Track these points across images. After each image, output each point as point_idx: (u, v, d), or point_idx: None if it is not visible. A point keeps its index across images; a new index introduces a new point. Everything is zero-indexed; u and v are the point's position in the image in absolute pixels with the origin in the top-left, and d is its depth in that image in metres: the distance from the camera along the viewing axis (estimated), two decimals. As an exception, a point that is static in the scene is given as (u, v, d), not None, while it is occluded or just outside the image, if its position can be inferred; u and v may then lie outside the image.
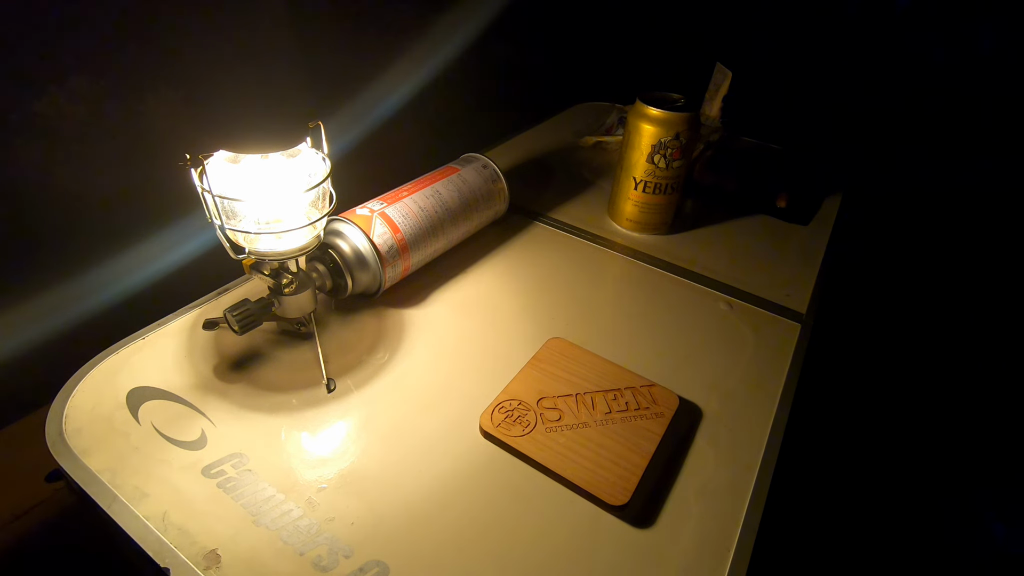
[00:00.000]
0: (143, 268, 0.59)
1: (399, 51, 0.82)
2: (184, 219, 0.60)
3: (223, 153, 0.38)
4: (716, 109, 0.82)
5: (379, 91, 0.80)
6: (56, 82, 0.49)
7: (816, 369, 0.53)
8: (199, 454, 0.38)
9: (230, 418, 0.40)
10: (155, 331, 0.47)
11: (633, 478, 0.37)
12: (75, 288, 0.55)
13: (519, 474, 0.38)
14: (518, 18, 0.98)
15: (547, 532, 0.35)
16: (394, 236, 0.50)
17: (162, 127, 0.57)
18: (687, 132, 0.59)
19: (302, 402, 0.42)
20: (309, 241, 0.42)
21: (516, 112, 1.05)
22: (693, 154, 0.65)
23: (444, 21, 0.86)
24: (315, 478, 0.37)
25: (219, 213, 0.38)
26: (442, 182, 0.56)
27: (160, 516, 0.34)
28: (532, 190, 0.72)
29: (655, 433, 0.41)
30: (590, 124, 0.90)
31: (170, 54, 0.55)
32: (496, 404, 0.42)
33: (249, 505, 0.35)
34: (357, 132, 0.79)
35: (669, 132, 0.58)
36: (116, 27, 0.51)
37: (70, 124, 0.51)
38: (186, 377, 0.43)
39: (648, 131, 0.59)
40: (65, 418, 0.39)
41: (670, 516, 0.37)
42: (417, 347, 0.48)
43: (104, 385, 0.42)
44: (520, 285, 0.56)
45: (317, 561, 0.32)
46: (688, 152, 0.61)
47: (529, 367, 0.45)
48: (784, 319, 0.54)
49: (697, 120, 0.60)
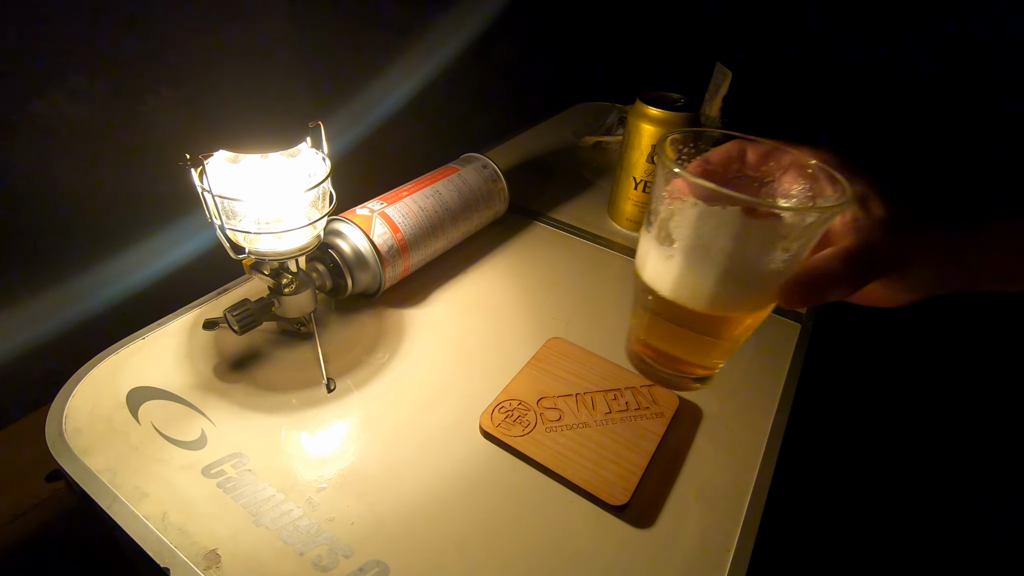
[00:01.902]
0: (143, 268, 0.59)
1: (399, 51, 0.82)
2: (184, 219, 0.60)
3: (223, 153, 0.38)
4: (716, 109, 0.82)
5: (379, 91, 0.80)
6: (56, 82, 0.49)
7: (816, 369, 0.53)
8: (199, 454, 0.38)
9: (230, 418, 0.40)
10: (155, 331, 0.47)
11: (633, 478, 0.37)
12: (75, 288, 0.55)
13: (519, 474, 0.38)
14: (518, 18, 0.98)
15: (547, 532, 0.35)
16: (394, 236, 0.49)
17: (162, 127, 0.57)
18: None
19: (302, 402, 0.42)
20: (309, 241, 0.42)
21: (517, 112, 1.05)
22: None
23: (444, 21, 0.86)
24: (315, 478, 0.37)
25: (219, 213, 0.38)
26: (442, 182, 0.56)
27: (160, 516, 0.34)
28: (532, 190, 0.72)
29: (655, 433, 0.41)
30: (590, 124, 0.90)
31: (170, 54, 0.55)
32: (496, 404, 0.42)
33: (249, 505, 0.35)
34: (357, 132, 0.79)
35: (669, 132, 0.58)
36: (116, 27, 0.51)
37: (70, 124, 0.51)
38: (186, 377, 0.43)
39: (648, 131, 0.59)
40: (65, 418, 0.39)
41: (670, 516, 0.37)
42: (417, 347, 0.48)
43: (104, 385, 0.42)
44: (520, 285, 0.56)
45: (317, 561, 0.32)
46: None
47: (529, 367, 0.45)
48: (784, 319, 0.54)
49: (697, 120, 0.60)
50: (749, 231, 0.28)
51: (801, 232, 0.28)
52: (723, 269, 0.29)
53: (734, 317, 0.33)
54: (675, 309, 0.32)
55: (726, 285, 0.30)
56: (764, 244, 0.28)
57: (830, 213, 0.28)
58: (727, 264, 0.29)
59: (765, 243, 0.28)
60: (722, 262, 0.29)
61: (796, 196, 0.31)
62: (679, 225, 0.30)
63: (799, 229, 0.28)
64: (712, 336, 0.35)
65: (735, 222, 0.28)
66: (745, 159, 0.33)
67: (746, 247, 0.29)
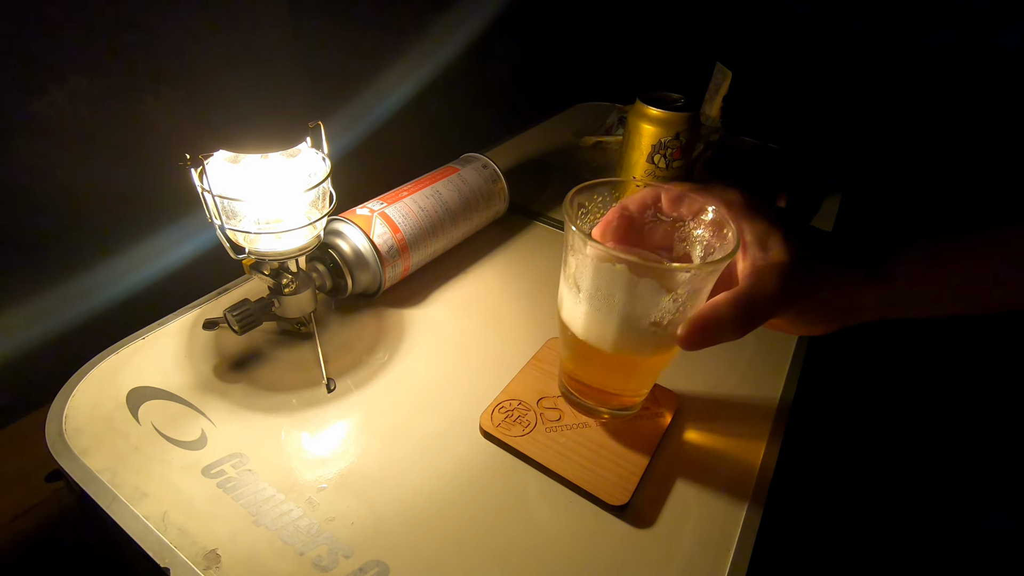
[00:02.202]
0: (143, 268, 0.59)
1: (399, 51, 0.82)
2: (184, 219, 0.60)
3: (223, 153, 0.38)
4: (716, 109, 0.82)
5: (379, 91, 0.80)
6: (56, 82, 0.49)
7: (816, 369, 0.53)
8: (199, 454, 0.38)
9: (230, 418, 0.40)
10: (155, 331, 0.47)
11: (633, 478, 0.37)
12: (75, 288, 0.55)
13: (519, 474, 0.38)
14: (518, 18, 0.98)
15: (547, 532, 0.35)
16: (394, 236, 0.49)
17: (162, 127, 0.57)
18: (687, 132, 0.59)
19: (302, 402, 0.42)
20: (309, 241, 0.42)
21: (516, 112, 1.05)
22: (693, 154, 0.65)
23: (444, 21, 0.86)
24: (315, 478, 0.37)
25: (219, 213, 0.38)
26: (442, 182, 0.56)
27: (160, 516, 0.34)
28: (532, 190, 0.72)
29: (655, 433, 0.41)
30: (590, 124, 0.90)
31: (170, 54, 0.55)
32: (496, 404, 0.42)
33: (249, 505, 0.35)
34: (357, 132, 0.79)
35: (669, 132, 0.58)
36: (116, 27, 0.51)
37: (70, 124, 0.51)
38: (186, 377, 0.43)
39: (648, 131, 0.59)
40: (65, 418, 0.39)
41: (670, 516, 0.37)
42: (417, 347, 0.48)
43: (104, 385, 0.42)
44: (520, 285, 0.56)
45: (317, 561, 0.32)
46: (688, 152, 0.61)
47: (529, 367, 0.45)
48: (784, 319, 0.54)
49: (697, 120, 0.60)
50: (638, 284, 0.31)
51: (687, 283, 0.31)
52: (621, 317, 0.33)
53: (639, 358, 0.36)
54: (588, 348, 0.35)
55: (627, 331, 0.33)
56: (654, 295, 0.31)
57: (711, 269, 0.31)
58: (624, 312, 0.32)
59: (655, 294, 0.31)
60: (620, 311, 0.32)
61: (705, 239, 0.35)
62: (582, 276, 0.33)
63: (683, 282, 0.31)
64: (626, 370, 0.38)
65: (626, 276, 0.31)
66: (659, 204, 0.35)
67: (638, 298, 0.31)
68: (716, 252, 0.33)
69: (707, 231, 0.34)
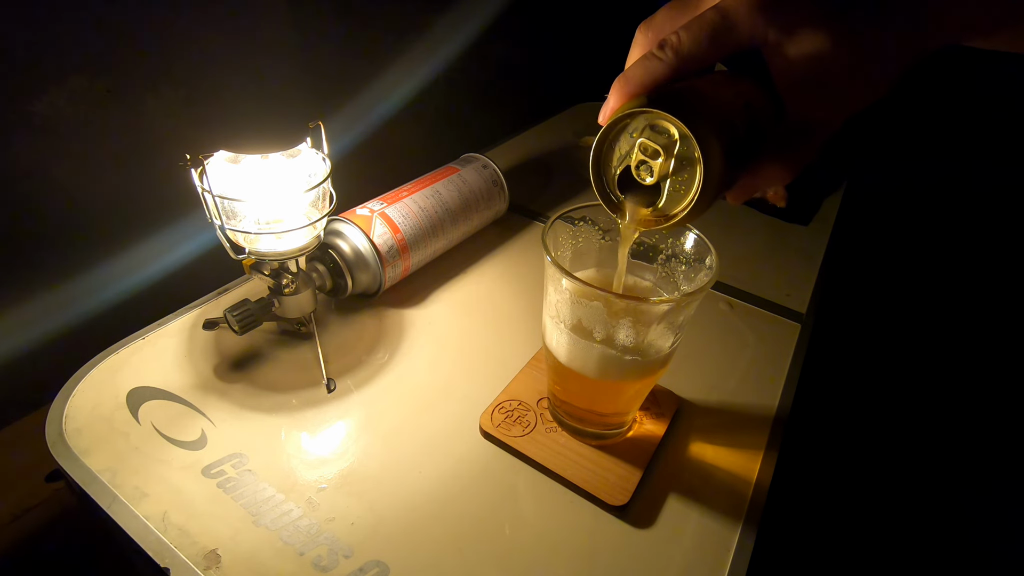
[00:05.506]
0: (143, 268, 0.59)
1: (399, 51, 0.82)
2: (184, 219, 0.60)
3: (223, 153, 0.38)
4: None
5: (379, 91, 0.80)
6: (56, 82, 0.49)
7: (816, 369, 0.53)
8: (199, 454, 0.38)
9: (230, 418, 0.40)
10: (155, 331, 0.47)
11: (633, 478, 0.37)
12: (75, 288, 0.55)
13: (519, 474, 0.38)
14: (518, 18, 0.98)
15: (547, 532, 0.35)
16: (394, 236, 0.49)
17: (162, 127, 0.57)
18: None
19: (302, 402, 0.42)
20: (309, 241, 0.42)
21: (517, 112, 1.05)
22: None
23: (444, 21, 0.86)
24: (315, 478, 0.37)
25: (219, 213, 0.38)
26: (442, 182, 0.56)
27: (160, 516, 0.34)
28: (532, 190, 0.72)
29: (655, 433, 0.41)
30: (590, 124, 0.90)
31: (170, 54, 0.55)
32: (496, 404, 0.42)
33: (249, 505, 0.35)
34: (357, 132, 0.79)
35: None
36: (116, 27, 0.51)
37: (70, 124, 0.51)
38: (186, 377, 0.43)
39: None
40: (65, 418, 0.39)
41: (670, 516, 0.37)
42: (417, 347, 0.48)
43: (104, 385, 0.42)
44: (520, 285, 0.56)
45: (317, 561, 0.32)
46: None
47: (529, 367, 0.45)
48: (784, 319, 0.54)
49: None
50: (617, 318, 0.32)
51: (666, 315, 0.32)
52: (602, 348, 0.33)
53: (622, 383, 0.37)
54: (572, 373, 0.36)
55: (607, 360, 0.34)
56: (633, 327, 0.32)
57: (687, 301, 0.32)
58: (605, 343, 0.33)
59: (634, 326, 0.32)
60: (601, 342, 0.33)
61: (683, 270, 0.36)
62: (562, 307, 0.34)
63: (661, 314, 0.32)
64: (610, 394, 0.39)
65: (603, 310, 0.31)
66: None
67: (617, 329, 0.32)
68: (693, 283, 0.35)
69: (688, 259, 0.36)
